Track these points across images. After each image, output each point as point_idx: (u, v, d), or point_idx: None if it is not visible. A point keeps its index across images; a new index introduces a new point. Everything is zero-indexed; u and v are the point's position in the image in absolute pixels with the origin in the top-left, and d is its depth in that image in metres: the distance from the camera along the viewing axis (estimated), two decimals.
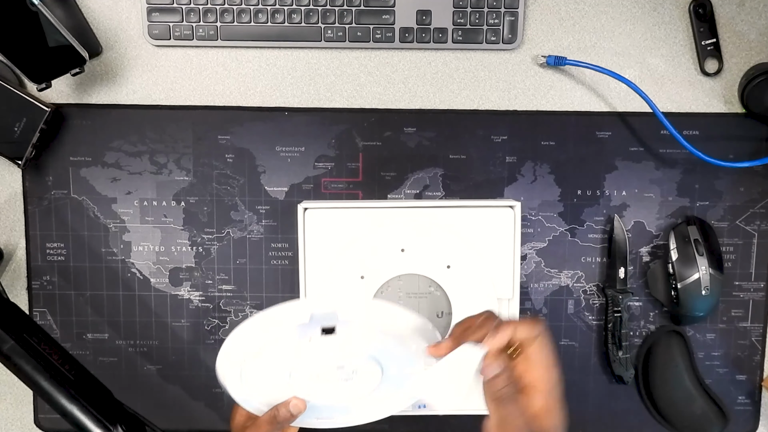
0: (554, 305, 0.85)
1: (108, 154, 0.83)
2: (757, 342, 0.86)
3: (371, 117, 0.82)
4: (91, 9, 0.81)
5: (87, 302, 0.85)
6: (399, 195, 0.83)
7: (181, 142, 0.83)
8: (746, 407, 0.87)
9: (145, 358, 0.85)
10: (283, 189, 0.83)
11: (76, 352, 0.85)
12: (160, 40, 0.80)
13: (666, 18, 0.82)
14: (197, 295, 0.85)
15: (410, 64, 0.82)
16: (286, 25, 0.80)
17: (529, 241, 0.84)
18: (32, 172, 0.83)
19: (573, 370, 0.86)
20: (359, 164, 0.83)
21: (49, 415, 0.86)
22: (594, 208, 0.84)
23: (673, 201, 0.84)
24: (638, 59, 0.82)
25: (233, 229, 0.84)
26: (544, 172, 0.83)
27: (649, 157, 0.83)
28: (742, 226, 0.84)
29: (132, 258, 0.84)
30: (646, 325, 0.86)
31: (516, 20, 0.80)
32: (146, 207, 0.83)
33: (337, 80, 0.82)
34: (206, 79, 0.82)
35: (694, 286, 0.81)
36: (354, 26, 0.80)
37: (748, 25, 0.82)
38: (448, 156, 0.83)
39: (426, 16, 0.80)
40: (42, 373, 0.63)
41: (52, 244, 0.84)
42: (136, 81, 0.82)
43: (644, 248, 0.84)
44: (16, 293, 0.85)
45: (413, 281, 0.77)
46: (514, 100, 0.83)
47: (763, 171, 0.83)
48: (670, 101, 0.83)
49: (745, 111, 0.82)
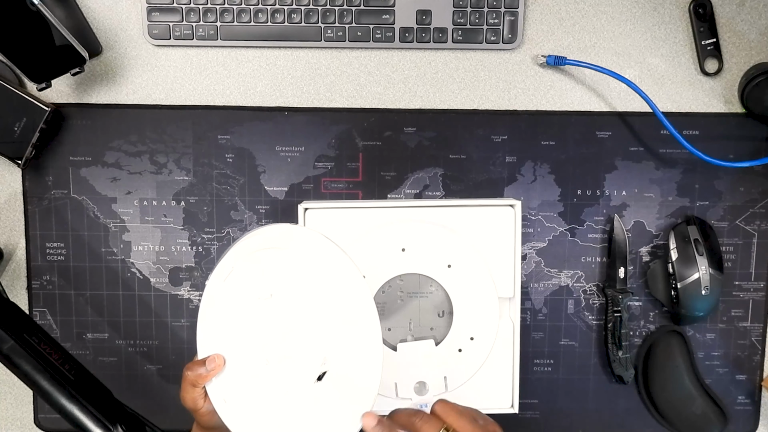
0: (554, 305, 0.85)
1: (108, 154, 0.83)
2: (757, 342, 0.86)
3: (371, 117, 0.82)
4: (91, 9, 0.81)
5: (87, 302, 0.85)
6: (399, 195, 0.83)
7: (181, 142, 0.83)
8: (746, 407, 0.87)
9: (145, 358, 0.85)
10: (283, 189, 0.83)
11: (76, 352, 0.85)
12: (160, 40, 0.80)
13: (666, 18, 0.82)
14: (197, 295, 0.84)
15: (410, 64, 0.82)
16: (286, 25, 0.80)
17: (529, 240, 0.84)
18: (32, 172, 0.83)
19: (573, 370, 0.86)
20: (359, 164, 0.83)
21: (49, 415, 0.86)
22: (594, 208, 0.84)
23: (673, 201, 0.84)
24: (638, 59, 0.82)
25: (233, 229, 0.84)
26: (544, 172, 0.83)
27: (649, 157, 0.83)
28: (742, 226, 0.84)
29: (132, 258, 0.84)
30: (646, 325, 0.86)
31: (516, 20, 0.80)
32: (146, 207, 0.83)
33: (337, 80, 0.82)
34: (206, 79, 0.82)
35: (694, 286, 0.81)
36: (354, 26, 0.80)
37: (748, 25, 0.82)
38: (448, 156, 0.83)
39: (426, 16, 0.80)
40: (42, 373, 0.63)
41: (52, 243, 0.84)
42: (136, 81, 0.82)
43: (644, 248, 0.84)
44: (16, 293, 0.85)
45: (414, 281, 0.77)
46: (513, 100, 0.83)
47: (763, 171, 0.83)
48: (670, 101, 0.83)
49: (745, 111, 0.82)
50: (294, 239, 0.61)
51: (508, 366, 0.78)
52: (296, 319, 0.60)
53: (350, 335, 0.59)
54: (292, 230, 0.62)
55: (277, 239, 0.62)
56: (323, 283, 0.60)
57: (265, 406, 0.61)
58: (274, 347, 0.61)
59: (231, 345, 0.63)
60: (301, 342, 0.60)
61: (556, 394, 0.86)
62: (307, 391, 0.60)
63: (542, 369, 0.86)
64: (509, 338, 0.78)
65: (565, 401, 0.87)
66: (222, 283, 0.63)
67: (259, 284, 0.62)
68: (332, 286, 0.59)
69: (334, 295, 0.59)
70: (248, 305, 0.62)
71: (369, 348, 0.59)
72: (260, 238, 0.62)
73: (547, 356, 0.86)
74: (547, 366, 0.86)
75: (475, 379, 0.78)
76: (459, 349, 0.77)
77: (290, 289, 0.61)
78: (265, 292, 0.61)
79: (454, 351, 0.77)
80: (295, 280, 0.61)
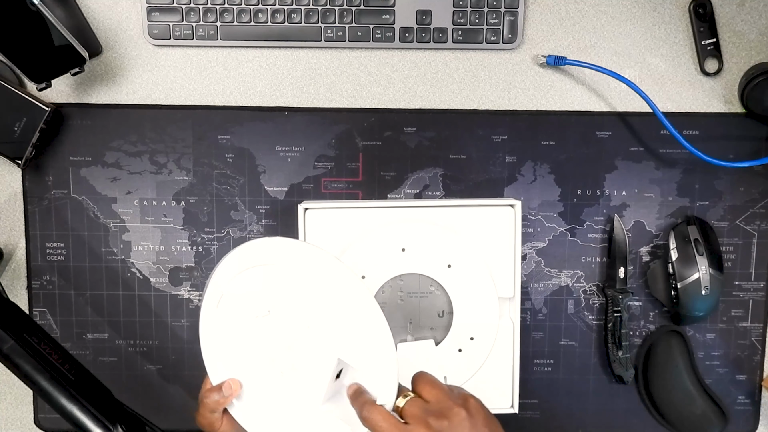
0: (554, 305, 0.85)
1: (108, 154, 0.83)
2: (757, 342, 0.86)
3: (371, 117, 0.82)
4: (91, 9, 0.81)
5: (87, 302, 0.85)
6: (399, 195, 0.83)
7: (181, 142, 0.83)
8: (746, 407, 0.87)
9: (145, 358, 0.85)
10: (283, 189, 0.83)
11: (76, 352, 0.85)
12: (160, 39, 0.80)
13: (666, 18, 0.82)
14: (197, 295, 0.84)
15: (410, 64, 0.82)
16: (286, 25, 0.80)
17: (529, 240, 0.84)
18: (32, 172, 0.83)
19: (573, 370, 0.86)
20: (359, 164, 0.83)
21: (49, 415, 0.86)
22: (594, 208, 0.84)
23: (673, 201, 0.84)
24: (638, 59, 0.82)
25: (233, 229, 0.84)
26: (544, 172, 0.83)
27: (649, 157, 0.83)
28: (742, 226, 0.84)
29: (132, 258, 0.84)
30: (646, 325, 0.86)
31: (516, 20, 0.80)
32: (146, 207, 0.83)
33: (337, 80, 0.82)
34: (206, 79, 0.82)
35: (694, 286, 0.81)
36: (354, 26, 0.80)
37: (748, 25, 0.82)
38: (448, 156, 0.83)
39: (426, 16, 0.80)
40: (42, 373, 0.63)
41: (52, 243, 0.84)
42: (136, 81, 0.82)
43: (644, 248, 0.84)
44: (16, 293, 0.85)
45: (414, 281, 0.77)
46: (513, 100, 0.83)
47: (763, 171, 0.83)
48: (670, 101, 0.83)
49: (745, 111, 0.82)
50: (273, 252, 0.60)
51: (508, 366, 0.78)
52: (300, 327, 0.60)
53: (357, 332, 0.59)
54: (267, 244, 0.61)
55: (257, 256, 0.61)
56: (317, 288, 0.59)
57: (290, 414, 0.61)
58: (285, 358, 0.61)
59: (241, 365, 0.62)
60: (311, 347, 0.59)
61: (556, 394, 0.86)
62: (327, 392, 0.60)
63: (542, 369, 0.86)
64: (509, 338, 0.78)
65: (565, 401, 0.87)
66: (215, 309, 0.63)
67: (254, 304, 0.61)
68: (327, 289, 0.59)
69: (331, 296, 0.59)
70: (248, 324, 0.61)
71: (379, 340, 0.58)
72: (239, 259, 0.61)
73: (547, 356, 0.86)
74: (547, 366, 0.86)
75: (475, 379, 0.78)
76: (459, 349, 0.77)
77: (286, 301, 0.60)
78: (262, 310, 0.61)
79: (454, 351, 0.77)
80: (288, 292, 0.60)
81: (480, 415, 0.54)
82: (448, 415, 0.53)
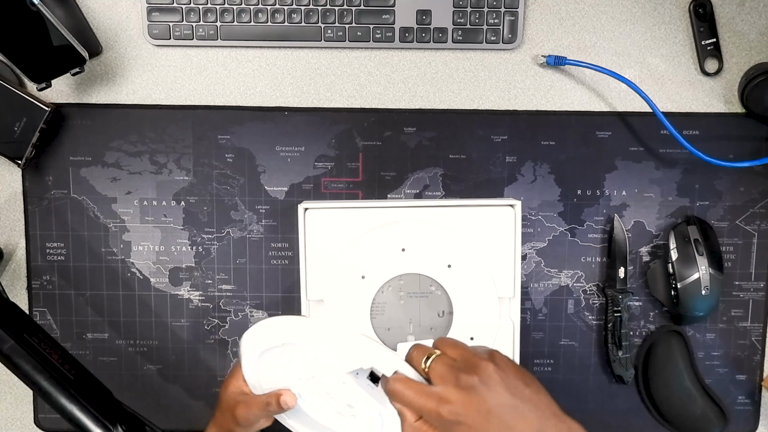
0: (554, 305, 0.85)
1: (108, 154, 0.83)
2: (757, 342, 0.86)
3: (371, 117, 0.82)
4: (91, 9, 0.81)
5: (87, 302, 0.85)
6: (399, 195, 0.83)
7: (181, 142, 0.83)
8: (746, 407, 0.87)
9: (145, 358, 0.85)
10: (283, 189, 0.83)
11: (76, 352, 0.85)
12: (160, 39, 0.80)
13: (666, 18, 0.82)
14: (197, 295, 0.84)
15: (410, 64, 0.82)
16: (286, 25, 0.80)
17: (529, 240, 0.84)
18: (32, 172, 0.83)
19: (573, 370, 0.86)
20: (359, 164, 0.83)
21: (49, 415, 0.86)
22: (594, 208, 0.84)
23: (673, 201, 0.84)
24: (638, 59, 0.82)
25: (233, 229, 0.84)
26: (544, 172, 0.83)
27: (649, 157, 0.83)
28: (742, 226, 0.84)
29: (132, 258, 0.84)
30: (646, 325, 0.86)
31: (516, 20, 0.80)
32: (146, 207, 0.83)
33: (337, 80, 0.82)
34: (206, 79, 0.82)
35: (694, 286, 0.81)
36: (354, 26, 0.80)
37: (748, 25, 0.82)
38: (448, 156, 0.83)
39: (426, 16, 0.80)
40: (42, 373, 0.63)
41: (52, 243, 0.84)
42: (136, 81, 0.82)
43: (644, 248, 0.84)
44: (16, 293, 0.85)
45: (414, 281, 0.77)
46: (513, 100, 0.83)
47: (763, 171, 0.83)
48: (670, 101, 0.83)
49: (745, 111, 0.82)
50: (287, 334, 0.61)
51: None
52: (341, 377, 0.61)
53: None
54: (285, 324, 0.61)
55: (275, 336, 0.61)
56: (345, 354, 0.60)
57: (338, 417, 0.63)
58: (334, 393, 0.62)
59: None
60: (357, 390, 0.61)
61: (556, 394, 0.85)
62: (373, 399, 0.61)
63: (542, 369, 0.86)
64: (509, 338, 0.78)
65: (565, 401, 0.86)
66: (254, 373, 0.64)
67: (289, 374, 0.62)
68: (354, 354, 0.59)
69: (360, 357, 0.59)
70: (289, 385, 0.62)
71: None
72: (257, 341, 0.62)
73: (547, 356, 0.86)
74: (547, 366, 0.86)
75: None
76: None
77: (321, 368, 0.61)
78: (301, 376, 0.62)
79: None
80: (319, 361, 0.61)
81: (509, 368, 0.53)
82: (476, 370, 0.52)
